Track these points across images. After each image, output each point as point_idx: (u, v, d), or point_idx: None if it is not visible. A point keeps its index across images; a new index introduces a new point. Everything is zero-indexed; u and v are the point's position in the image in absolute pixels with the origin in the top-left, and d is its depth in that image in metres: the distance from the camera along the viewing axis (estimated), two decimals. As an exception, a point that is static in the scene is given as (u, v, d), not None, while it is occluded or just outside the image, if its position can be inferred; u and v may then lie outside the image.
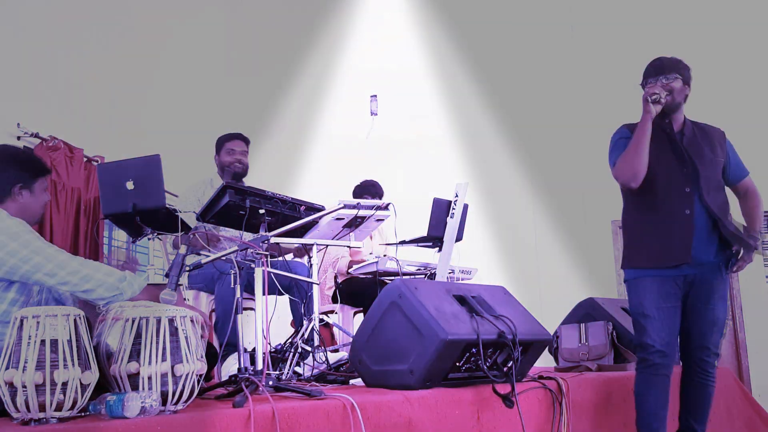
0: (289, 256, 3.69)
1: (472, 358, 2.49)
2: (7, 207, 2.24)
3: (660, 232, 2.81)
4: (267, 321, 2.38)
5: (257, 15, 7.00)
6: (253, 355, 2.40)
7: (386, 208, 3.13)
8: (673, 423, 2.92)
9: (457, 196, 3.44)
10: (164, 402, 1.76)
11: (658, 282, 2.79)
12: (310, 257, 3.03)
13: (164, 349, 1.79)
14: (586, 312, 3.94)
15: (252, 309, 2.53)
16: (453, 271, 3.89)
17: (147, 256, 5.41)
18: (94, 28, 5.17)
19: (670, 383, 2.80)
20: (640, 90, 2.88)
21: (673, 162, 2.83)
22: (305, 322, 2.98)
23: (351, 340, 2.75)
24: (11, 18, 4.44)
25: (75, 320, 1.72)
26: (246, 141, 3.85)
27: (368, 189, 4.50)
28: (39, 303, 2.18)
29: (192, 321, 1.90)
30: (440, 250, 3.54)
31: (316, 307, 3.01)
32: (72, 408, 1.66)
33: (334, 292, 4.20)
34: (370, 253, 4.30)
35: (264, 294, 2.40)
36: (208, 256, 2.54)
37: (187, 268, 2.33)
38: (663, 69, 2.85)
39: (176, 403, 1.79)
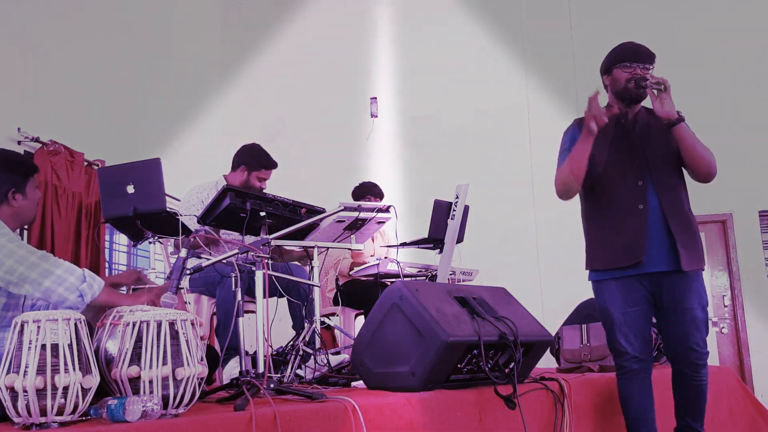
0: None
1: (474, 360, 2.49)
2: (1, 212, 2.21)
3: (616, 230, 2.68)
4: (268, 324, 2.38)
5: (256, 16, 7.01)
6: (254, 358, 2.40)
7: (387, 210, 3.12)
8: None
9: (457, 197, 3.44)
10: (165, 406, 1.76)
11: (621, 284, 2.68)
12: (311, 259, 3.03)
13: (165, 352, 1.78)
14: (587, 313, 3.93)
15: (253, 312, 2.53)
16: (454, 273, 3.89)
17: (148, 260, 5.41)
18: (95, 32, 5.18)
19: (651, 384, 2.73)
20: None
21: (625, 155, 2.70)
22: (306, 325, 2.98)
23: (352, 342, 2.75)
24: (12, 21, 4.45)
25: (76, 324, 1.71)
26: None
27: (370, 189, 4.49)
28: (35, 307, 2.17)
29: (192, 324, 1.90)
30: (441, 251, 3.53)
31: (318, 310, 3.01)
32: (73, 412, 1.65)
33: (336, 295, 4.20)
34: (371, 255, 4.29)
35: (264, 297, 2.40)
36: (209, 259, 2.54)
37: (188, 272, 2.33)
38: (646, 58, 2.69)
39: (177, 407, 1.79)
